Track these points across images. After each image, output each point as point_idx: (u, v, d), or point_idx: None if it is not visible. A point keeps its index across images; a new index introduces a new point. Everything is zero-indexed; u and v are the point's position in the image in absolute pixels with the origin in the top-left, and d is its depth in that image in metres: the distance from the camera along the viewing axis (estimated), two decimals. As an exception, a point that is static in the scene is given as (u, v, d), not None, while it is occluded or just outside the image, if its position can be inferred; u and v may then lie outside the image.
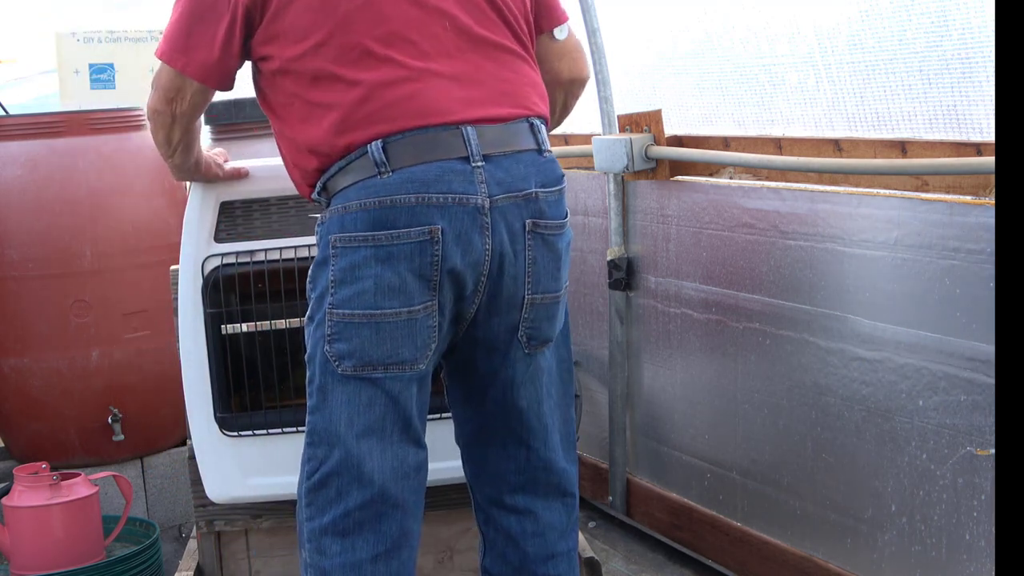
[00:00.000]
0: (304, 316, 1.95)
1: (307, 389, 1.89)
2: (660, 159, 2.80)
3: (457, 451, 2.18)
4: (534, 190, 1.86)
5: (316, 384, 1.86)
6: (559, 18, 2.05)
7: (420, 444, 1.89)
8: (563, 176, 1.94)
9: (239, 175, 2.25)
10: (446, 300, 1.83)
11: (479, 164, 1.80)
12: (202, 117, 2.06)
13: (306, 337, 1.89)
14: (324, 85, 1.82)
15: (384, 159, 1.78)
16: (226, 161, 2.27)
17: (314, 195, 1.90)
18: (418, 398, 1.87)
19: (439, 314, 1.83)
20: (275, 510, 2.46)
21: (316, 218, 1.90)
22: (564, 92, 2.11)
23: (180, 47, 1.90)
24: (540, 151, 1.89)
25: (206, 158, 2.19)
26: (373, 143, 1.79)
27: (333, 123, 1.81)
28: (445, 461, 2.29)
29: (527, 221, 1.85)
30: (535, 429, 1.98)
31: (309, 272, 1.87)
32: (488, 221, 1.81)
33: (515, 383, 1.95)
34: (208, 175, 2.22)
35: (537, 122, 1.90)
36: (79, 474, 2.82)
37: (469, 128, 1.81)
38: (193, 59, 1.89)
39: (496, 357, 1.93)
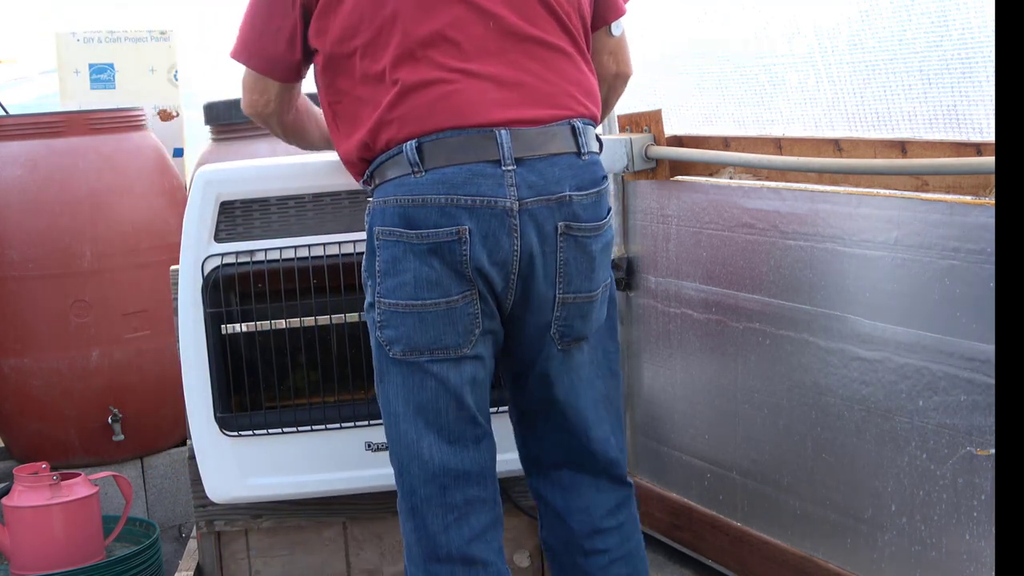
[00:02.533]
0: (303, 316, 2.04)
1: (375, 372, 1.98)
2: (660, 159, 2.80)
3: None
4: (568, 193, 1.88)
5: (376, 365, 1.95)
6: (620, 10, 2.08)
7: (476, 421, 1.93)
8: (604, 177, 1.96)
9: None
10: (484, 289, 1.88)
11: (510, 168, 1.84)
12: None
13: (368, 323, 1.96)
14: (370, 83, 1.89)
15: (418, 159, 1.84)
16: None
17: (361, 183, 1.99)
18: (471, 376, 1.91)
19: (481, 301, 1.88)
20: (275, 510, 2.46)
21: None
22: (607, 86, 2.13)
23: (249, 45, 2.02)
24: (580, 154, 1.90)
25: None
26: (408, 143, 1.84)
27: (374, 120, 1.88)
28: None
29: (559, 224, 1.88)
30: (574, 420, 2.02)
31: (364, 259, 1.95)
32: (516, 223, 1.85)
33: (551, 377, 1.99)
34: None
35: (579, 124, 1.91)
36: (79, 474, 2.82)
37: (503, 131, 1.84)
38: (258, 55, 2.01)
39: (531, 352, 1.98)
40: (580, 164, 1.90)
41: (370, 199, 1.93)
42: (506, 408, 2.16)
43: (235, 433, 2.28)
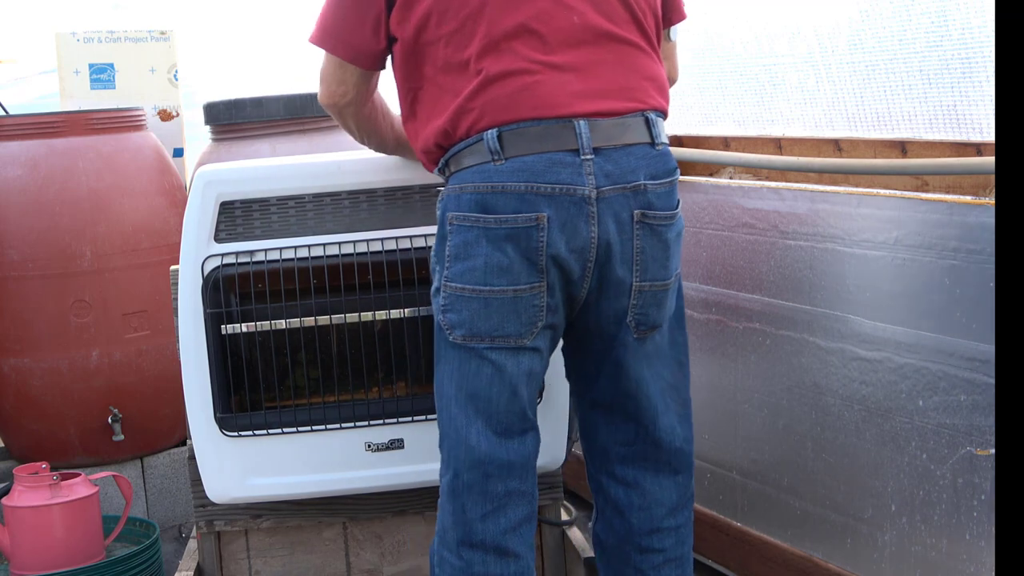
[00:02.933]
0: (303, 316, 2.05)
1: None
2: (660, 159, 2.79)
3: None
4: (643, 182, 1.93)
5: (436, 349, 1.99)
6: (682, 14, 2.13)
7: (526, 415, 1.96)
8: (676, 168, 2.00)
9: None
10: (555, 281, 1.91)
11: (588, 157, 1.88)
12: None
13: (433, 307, 1.99)
14: (453, 72, 1.92)
15: (498, 147, 1.88)
16: None
17: (436, 171, 2.02)
18: (528, 368, 1.95)
19: (548, 294, 1.91)
20: (275, 510, 2.46)
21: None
22: None
23: (333, 32, 2.02)
24: (653, 144, 1.95)
25: None
26: (489, 131, 1.89)
27: (455, 108, 1.91)
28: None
29: (635, 212, 1.92)
30: (644, 408, 2.05)
31: (433, 245, 1.98)
32: (594, 211, 1.89)
33: (624, 365, 2.02)
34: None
35: (652, 116, 1.96)
36: (79, 474, 2.82)
37: (581, 122, 1.88)
38: (343, 41, 2.01)
39: (606, 339, 2.00)
40: (654, 154, 1.95)
41: (441, 188, 1.97)
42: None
43: (235, 433, 2.28)
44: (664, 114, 2.00)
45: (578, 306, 1.97)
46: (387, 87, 2.12)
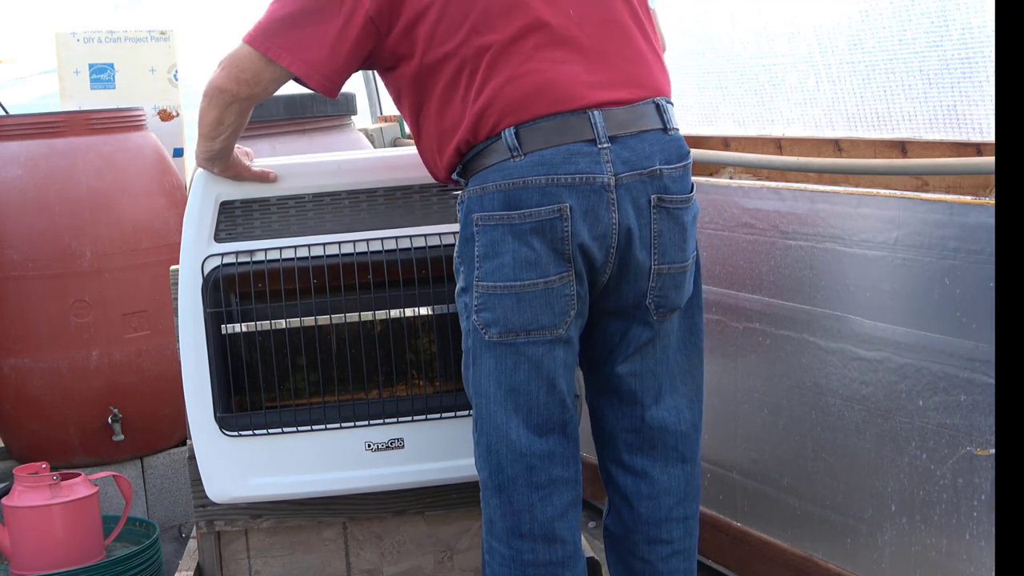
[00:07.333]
0: (303, 316, 2.05)
1: (464, 355, 2.03)
2: (660, 159, 2.79)
3: (455, 452, 2.22)
4: (658, 167, 1.96)
5: (469, 349, 2.00)
6: None
7: (565, 404, 1.99)
8: (688, 152, 2.03)
9: (266, 178, 2.24)
10: (581, 270, 1.94)
11: (605, 145, 1.91)
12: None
13: (458, 307, 2.03)
14: (464, 83, 1.94)
15: (516, 144, 1.91)
16: (251, 159, 2.27)
17: (454, 175, 2.03)
18: (563, 360, 1.97)
19: (577, 283, 1.94)
20: (275, 510, 2.46)
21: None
22: None
23: (284, 42, 1.95)
24: (666, 130, 1.98)
25: (234, 154, 2.21)
26: (507, 129, 1.91)
27: (473, 117, 1.93)
28: (445, 461, 2.30)
29: (652, 196, 1.95)
30: (651, 390, 2.07)
31: (456, 248, 2.00)
32: (614, 198, 1.92)
33: (639, 346, 2.04)
34: (233, 170, 2.21)
35: (662, 102, 1.99)
36: (79, 474, 2.82)
37: (596, 112, 1.92)
38: (299, 56, 1.95)
39: (623, 321, 2.04)
40: (667, 139, 1.98)
41: (460, 191, 1.99)
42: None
43: (235, 433, 2.28)
44: (669, 98, 2.03)
45: (598, 292, 1.99)
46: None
